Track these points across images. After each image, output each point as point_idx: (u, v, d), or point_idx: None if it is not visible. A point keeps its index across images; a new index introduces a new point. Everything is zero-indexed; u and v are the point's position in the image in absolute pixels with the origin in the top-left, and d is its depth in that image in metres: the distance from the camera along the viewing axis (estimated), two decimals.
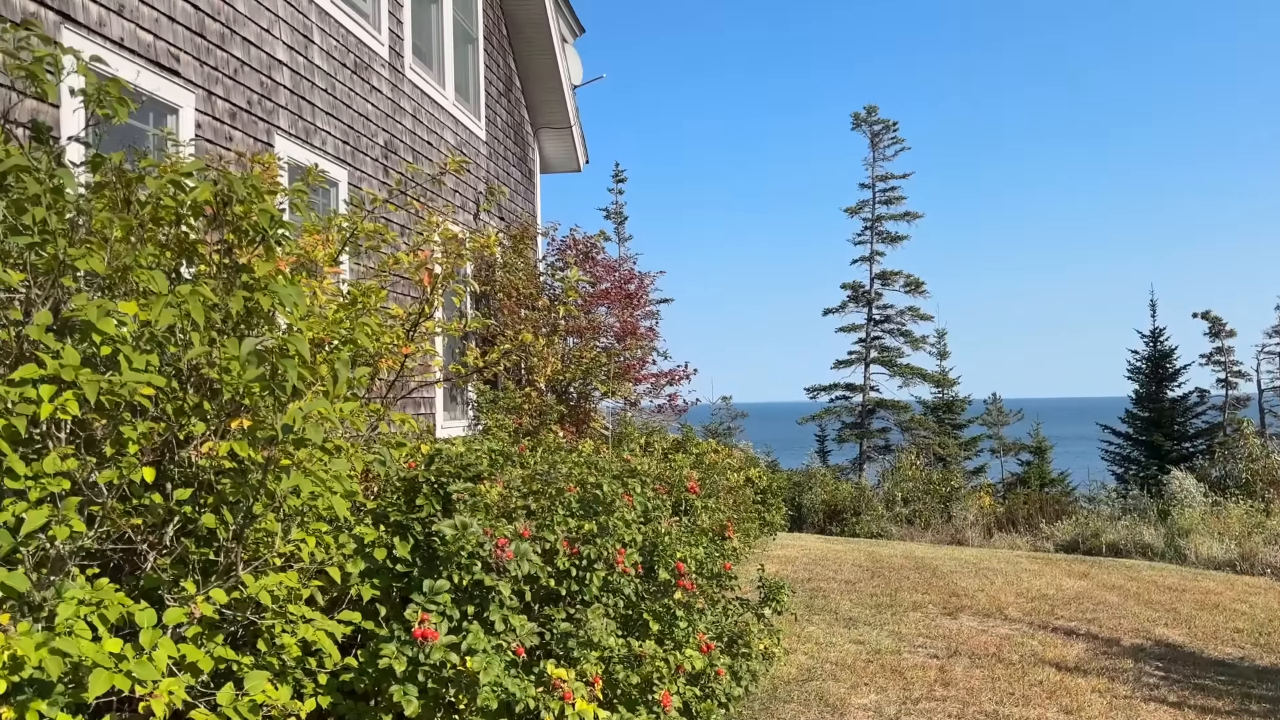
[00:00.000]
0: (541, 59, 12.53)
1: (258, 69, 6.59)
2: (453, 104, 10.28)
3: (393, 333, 4.88)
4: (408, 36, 9.12)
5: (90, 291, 2.94)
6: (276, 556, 3.04)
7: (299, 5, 7.15)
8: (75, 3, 4.92)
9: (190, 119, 5.86)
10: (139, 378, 2.58)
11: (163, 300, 2.70)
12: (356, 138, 8.08)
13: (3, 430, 2.39)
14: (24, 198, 2.72)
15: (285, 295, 3.23)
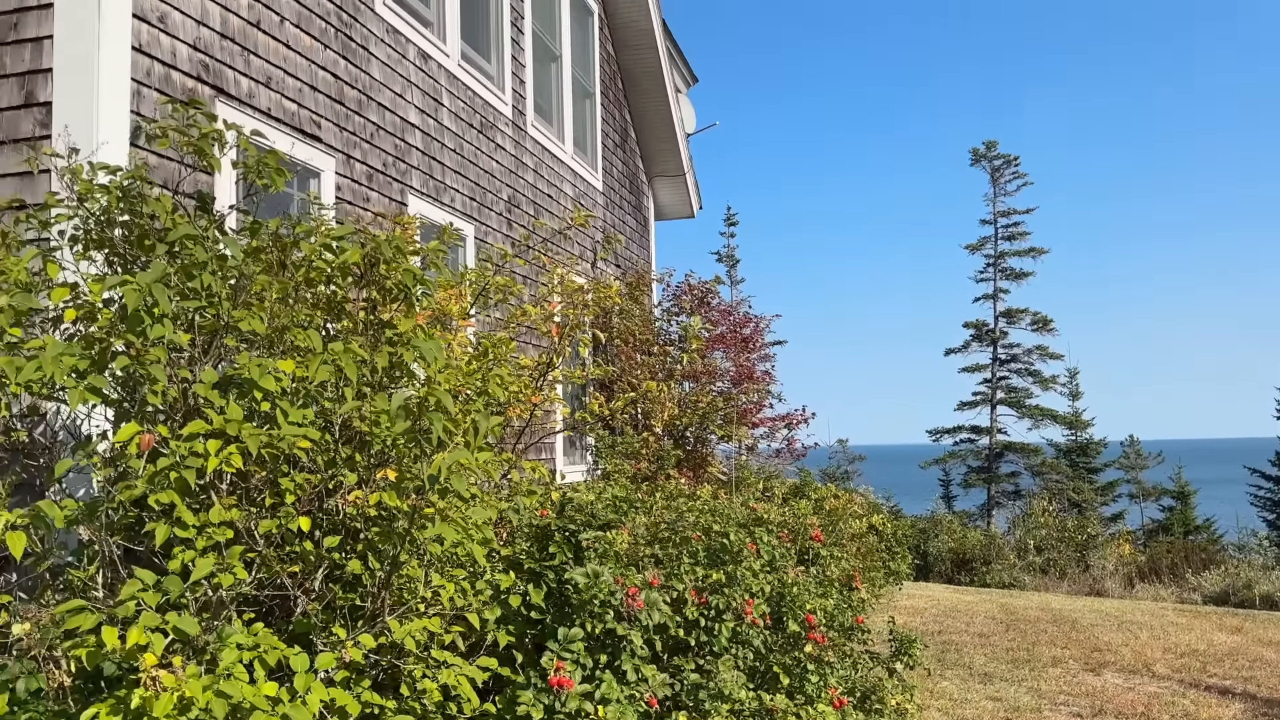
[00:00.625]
0: (656, 110, 12.76)
1: (392, 132, 6.93)
2: (571, 157, 10.56)
3: (521, 381, 5.01)
4: (529, 95, 9.44)
5: (250, 349, 3.13)
6: (420, 602, 3.15)
7: (430, 70, 7.51)
8: (228, 77, 5.29)
9: (331, 182, 6.19)
10: (296, 431, 2.73)
11: (319, 358, 2.86)
12: (482, 193, 8.37)
13: (175, 482, 2.56)
14: (192, 264, 2.93)
15: (426, 350, 3.36)
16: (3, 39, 4.53)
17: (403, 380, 3.65)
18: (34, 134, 4.45)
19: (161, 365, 2.64)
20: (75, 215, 3.36)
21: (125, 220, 3.35)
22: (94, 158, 3.80)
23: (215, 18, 5.16)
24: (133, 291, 2.63)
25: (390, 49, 6.92)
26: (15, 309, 2.88)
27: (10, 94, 4.50)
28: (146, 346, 2.67)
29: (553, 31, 10.16)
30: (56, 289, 3.00)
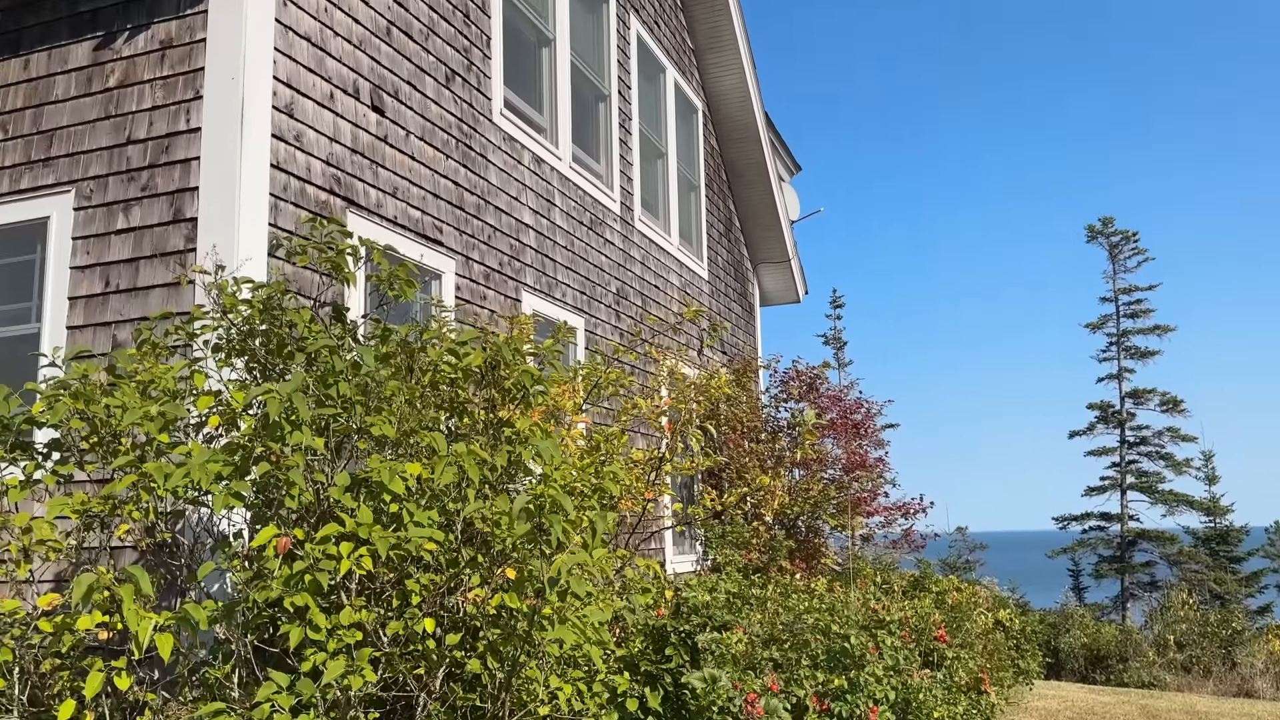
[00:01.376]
0: (760, 199, 12.92)
1: (508, 233, 7.20)
2: (677, 248, 10.74)
3: (633, 475, 5.04)
4: (637, 191, 9.70)
5: (379, 451, 3.25)
6: (538, 704, 3.15)
7: (543, 173, 7.81)
8: (358, 189, 5.61)
9: (451, 282, 6.45)
10: (423, 534, 2.81)
11: (443, 460, 2.95)
12: (592, 287, 8.58)
13: (308, 584, 2.66)
14: (328, 372, 3.09)
15: (543, 448, 3.43)
16: (155, 161, 4.93)
17: (520, 475, 3.72)
18: (182, 248, 4.80)
19: (299, 470, 2.77)
20: (219, 326, 3.59)
21: (265, 329, 3.56)
22: (237, 272, 4.06)
23: (346, 134, 5.50)
24: (274, 400, 2.78)
25: (507, 155, 7.24)
26: (165, 416, 3.07)
27: (161, 211, 4.88)
28: (285, 453, 2.81)
29: (658, 130, 10.46)
30: (202, 397, 3.19)
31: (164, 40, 4.97)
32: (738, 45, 11.56)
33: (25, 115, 5.26)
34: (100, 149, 5.05)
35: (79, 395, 3.04)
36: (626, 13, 9.65)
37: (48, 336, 4.99)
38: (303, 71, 5.19)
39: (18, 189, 5.20)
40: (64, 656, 2.88)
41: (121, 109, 5.03)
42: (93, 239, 5.01)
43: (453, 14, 6.66)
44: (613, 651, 3.83)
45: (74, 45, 5.19)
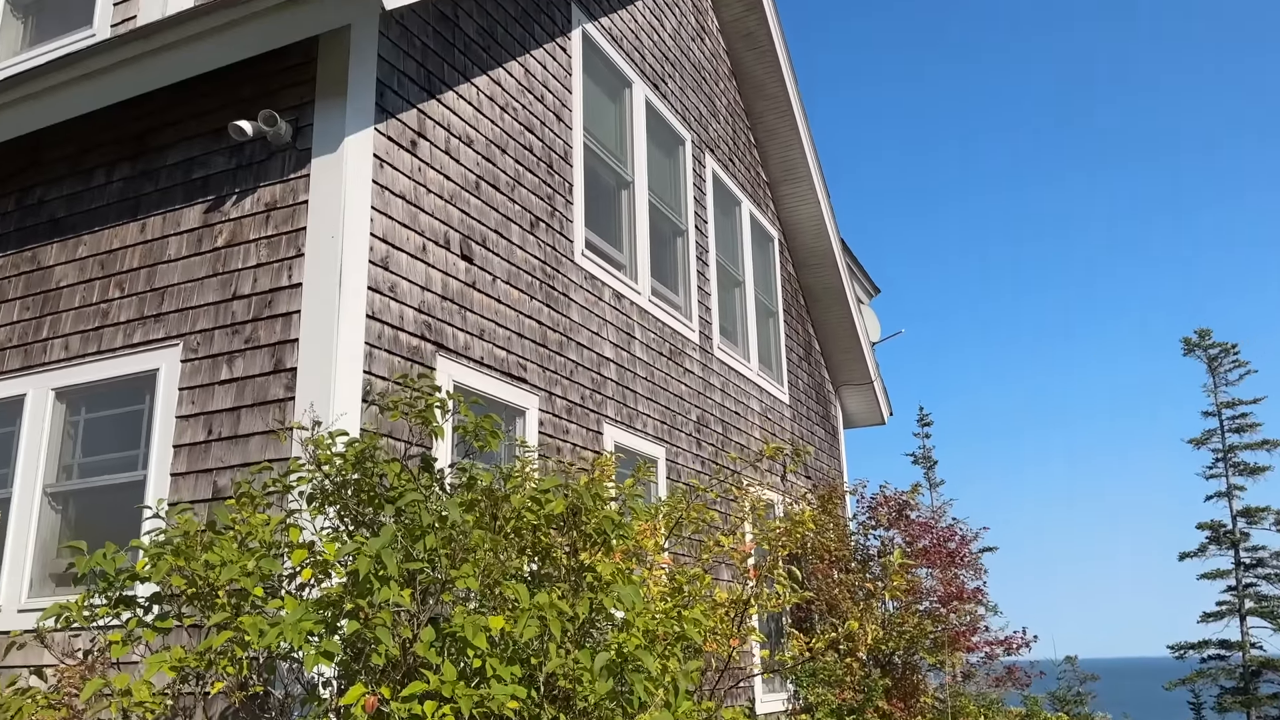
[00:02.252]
0: (839, 323, 12.96)
1: (589, 368, 7.35)
2: (756, 374, 10.79)
3: (717, 616, 4.96)
4: (715, 320, 9.84)
5: (463, 601, 3.29)
6: None
7: (623, 308, 8.00)
8: (447, 333, 5.84)
9: (535, 418, 6.58)
10: (506, 690, 2.81)
11: (525, 614, 2.97)
12: (672, 416, 8.64)
13: None
14: (416, 525, 3.17)
15: (625, 595, 3.43)
16: (258, 315, 5.22)
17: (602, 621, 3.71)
18: (281, 396, 5.03)
19: (387, 628, 2.82)
20: (313, 477, 3.73)
21: (357, 479, 3.68)
22: (333, 425, 4.23)
23: (437, 283, 5.76)
24: (364, 559, 2.87)
25: (588, 293, 7.46)
26: (261, 571, 3.18)
27: (262, 362, 5.14)
28: (374, 610, 2.87)
29: (735, 259, 10.67)
30: (296, 551, 3.30)
31: (269, 203, 5.33)
32: (811, 177, 11.83)
33: (140, 274, 5.65)
34: (207, 304, 5.38)
35: (179, 552, 3.17)
36: (702, 152, 10.00)
37: (153, 483, 5.23)
38: (397, 227, 5.49)
39: (130, 343, 5.55)
40: None
41: (228, 267, 5.37)
42: (197, 389, 5.29)
43: (537, 165, 7.00)
44: None
45: (186, 209, 5.60)
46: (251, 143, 5.42)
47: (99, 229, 5.84)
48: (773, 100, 11.43)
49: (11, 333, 5.94)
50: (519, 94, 6.94)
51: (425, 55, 5.98)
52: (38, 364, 5.80)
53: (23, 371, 5.84)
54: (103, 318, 5.67)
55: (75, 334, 5.73)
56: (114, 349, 5.58)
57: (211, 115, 5.63)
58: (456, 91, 6.24)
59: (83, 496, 5.64)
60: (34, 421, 5.73)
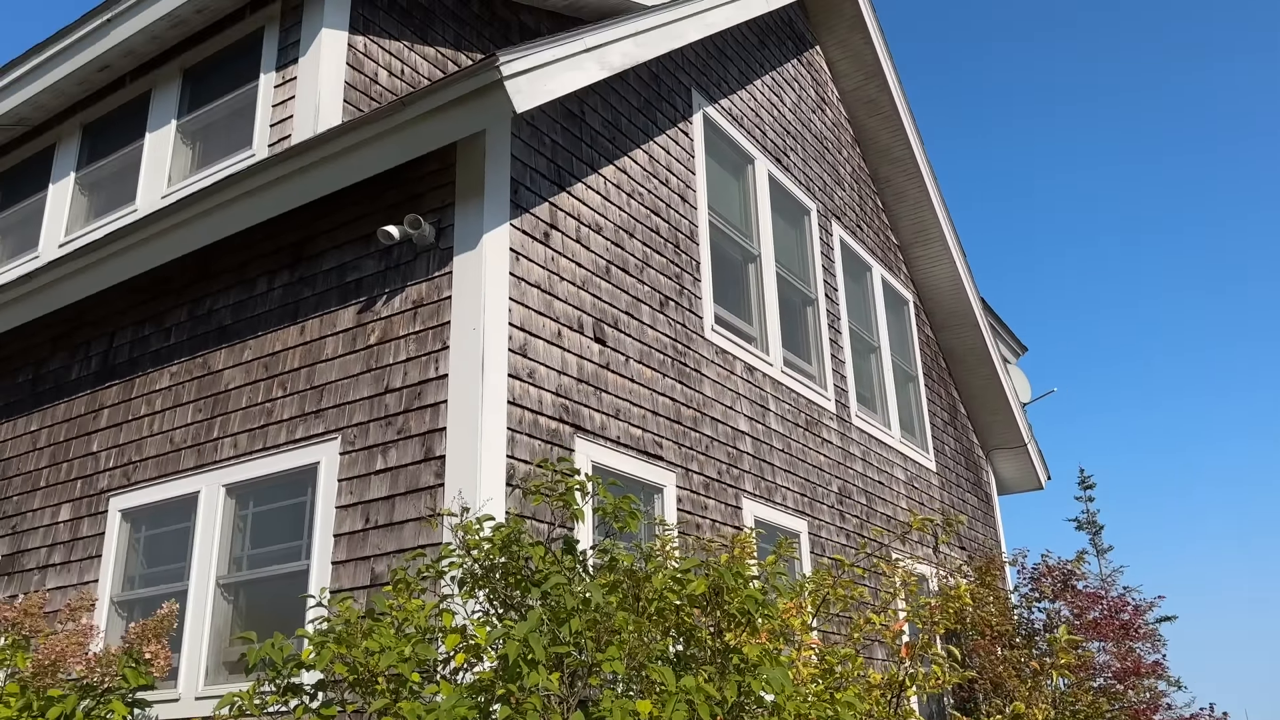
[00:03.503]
0: (985, 384, 12.55)
1: (725, 442, 7.35)
2: (899, 441, 10.52)
3: (872, 698, 4.79)
4: (851, 388, 9.69)
5: (610, 685, 3.31)
6: None
7: (755, 381, 8.00)
8: (583, 414, 5.97)
9: (672, 495, 6.61)
10: None
11: (673, 699, 2.97)
12: (812, 488, 8.50)
13: None
14: (560, 608, 3.23)
15: (773, 678, 3.37)
16: (409, 406, 5.48)
17: (751, 705, 3.64)
18: (432, 483, 5.23)
19: (537, 713, 2.87)
20: (463, 563, 3.85)
21: (504, 563, 3.78)
22: (480, 510, 4.37)
23: (573, 366, 5.93)
24: (513, 645, 2.93)
25: (719, 368, 7.51)
26: (417, 656, 3.29)
27: (414, 451, 5.37)
28: (524, 695, 2.92)
29: (869, 325, 10.52)
30: (450, 636, 3.40)
31: (416, 300, 5.63)
32: (944, 237, 11.63)
33: (300, 374, 6.02)
34: (362, 399, 5.68)
35: (341, 640, 3.32)
36: (828, 221, 10.00)
37: (315, 571, 5.50)
38: (533, 315, 5.70)
39: (293, 439, 5.90)
40: None
41: (380, 362, 5.67)
42: (355, 480, 5.56)
43: (664, 246, 7.16)
44: None
45: (341, 310, 5.97)
46: (398, 245, 5.77)
47: (262, 333, 6.28)
48: (899, 164, 11.36)
49: (186, 434, 6.42)
50: (644, 179, 7.15)
51: (555, 151, 6.26)
52: (210, 462, 6.22)
53: (196, 470, 6.28)
54: (267, 416, 6.06)
55: (243, 432, 6.14)
56: (278, 445, 5.94)
57: (361, 222, 6.03)
58: (585, 182, 6.48)
59: (251, 587, 5.97)
60: (207, 517, 6.13)
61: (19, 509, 7.12)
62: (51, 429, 7.21)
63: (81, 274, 6.81)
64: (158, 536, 6.47)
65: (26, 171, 8.89)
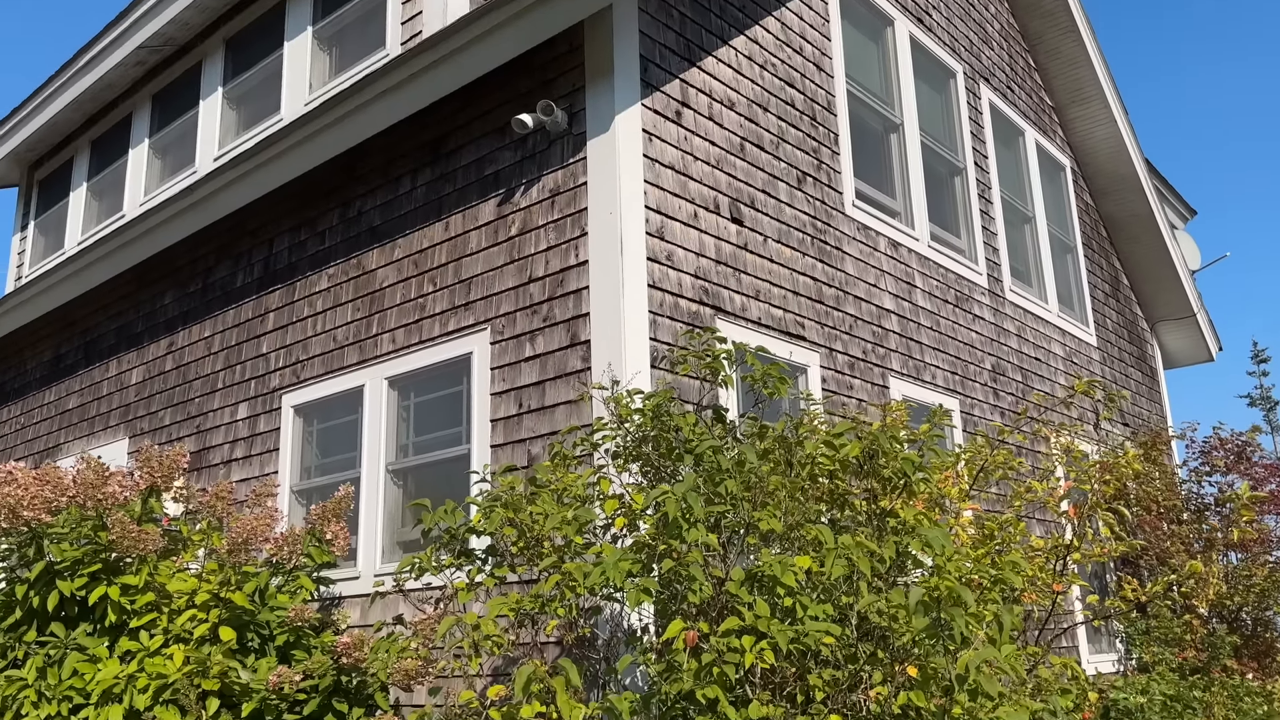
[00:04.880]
0: (1149, 252, 11.77)
1: (869, 321, 7.18)
2: (1056, 315, 10.04)
3: (1035, 564, 4.69)
4: (1004, 261, 9.26)
5: (766, 545, 3.34)
6: None
7: (900, 257, 7.73)
8: (723, 296, 5.92)
9: (816, 375, 6.53)
10: (820, 627, 2.83)
11: (832, 553, 2.97)
12: (964, 366, 8.24)
13: (716, 677, 2.77)
14: (715, 471, 3.26)
15: (932, 538, 3.33)
16: (552, 295, 5.56)
17: (909, 567, 3.62)
18: (579, 368, 5.33)
19: (700, 566, 2.93)
20: (616, 435, 3.92)
21: (655, 435, 3.83)
22: (629, 385, 4.43)
23: (710, 248, 5.86)
24: (671, 501, 2.98)
25: (862, 244, 7.28)
26: (579, 520, 3.40)
27: (559, 338, 5.47)
28: (685, 549, 2.98)
29: (1022, 194, 9.97)
30: (608, 501, 3.50)
31: (553, 189, 5.66)
32: (1104, 95, 10.80)
33: (448, 269, 6.19)
34: (507, 290, 5.80)
35: (509, 505, 3.46)
36: (976, 83, 9.42)
37: (476, 455, 5.74)
38: (669, 197, 5.64)
39: (446, 331, 6.10)
40: None
41: (522, 253, 5.76)
42: (506, 368, 5.73)
43: (800, 119, 6.92)
44: None
45: (481, 204, 6.06)
46: (533, 134, 5.77)
47: (409, 231, 6.46)
48: (1051, 17, 10.54)
49: (348, 332, 6.73)
50: (777, 49, 6.88)
51: (683, 24, 6.08)
52: (371, 357, 6.52)
53: (359, 365, 6.60)
54: (420, 311, 6.28)
55: (399, 328, 6.39)
56: (433, 338, 6.16)
57: (495, 113, 6.05)
58: (715, 56, 6.29)
59: (418, 472, 6.29)
60: (373, 408, 6.46)
61: (201, 409, 7.69)
62: (224, 334, 7.69)
63: (236, 184, 7.13)
64: (329, 429, 6.88)
65: (177, 90, 9.31)
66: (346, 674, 4.77)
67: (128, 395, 8.49)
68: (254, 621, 5.06)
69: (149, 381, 8.30)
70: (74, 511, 5.02)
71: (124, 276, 8.53)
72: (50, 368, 9.67)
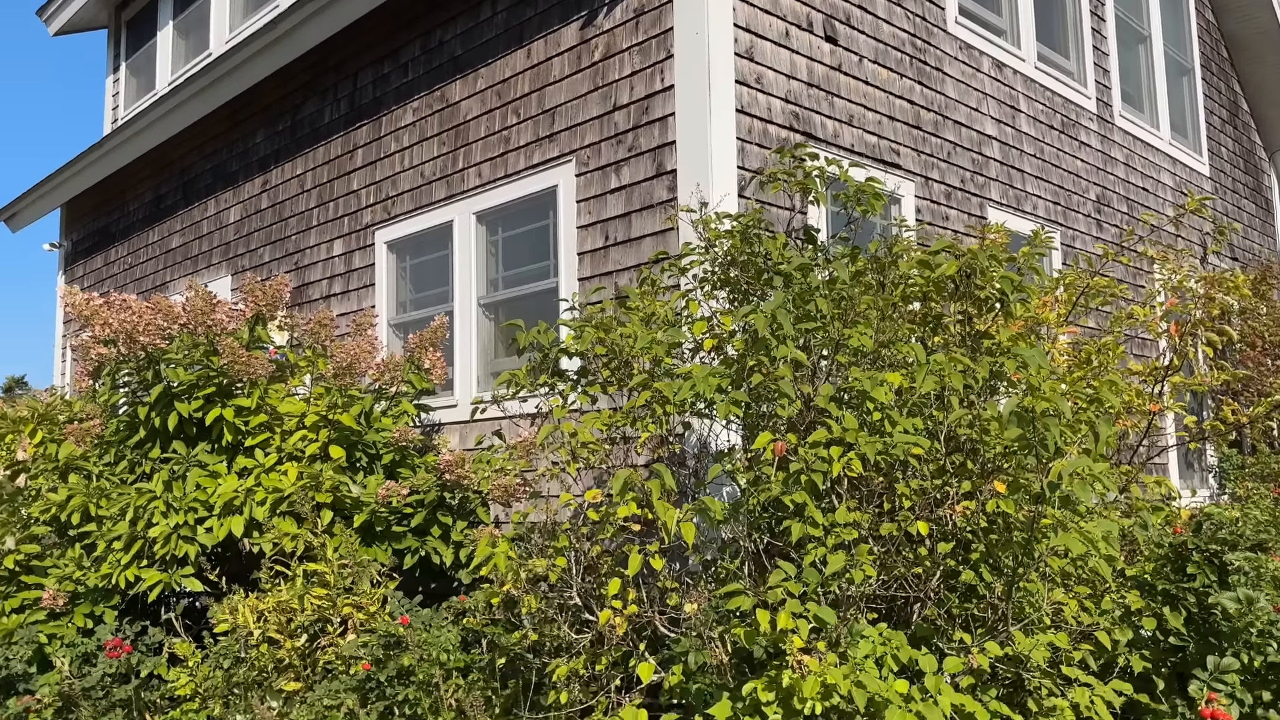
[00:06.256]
0: (1274, 73, 10.90)
1: (969, 148, 6.88)
2: (1168, 144, 9.47)
3: (1132, 389, 4.60)
4: (1114, 84, 8.70)
5: (856, 364, 3.34)
6: (1046, 616, 3.05)
7: (1004, 79, 7.32)
8: (815, 122, 5.72)
9: (911, 205, 6.34)
10: (908, 439, 2.84)
11: (924, 369, 2.95)
12: (1067, 196, 7.90)
13: (804, 484, 2.83)
14: (805, 290, 3.23)
15: (1028, 357, 3.27)
16: (637, 123, 5.45)
17: (1003, 389, 3.58)
18: (664, 198, 5.28)
19: (789, 381, 2.95)
20: (704, 260, 3.91)
21: (744, 259, 3.80)
22: (717, 208, 4.38)
23: (802, 69, 5.63)
24: (761, 318, 2.98)
25: (964, 65, 6.90)
26: (668, 341, 3.43)
27: (645, 168, 5.40)
28: (774, 365, 3.00)
29: (1138, 10, 9.25)
30: (697, 323, 3.52)
31: (637, 9, 5.45)
32: None
33: (531, 99, 6.09)
34: (591, 119, 5.70)
35: (600, 326, 3.51)
36: None
37: (564, 288, 5.80)
38: (759, 14, 5.39)
39: (531, 164, 6.06)
40: (607, 543, 3.39)
41: (606, 79, 5.62)
42: (591, 200, 5.70)
43: None
44: (1121, 570, 3.56)
45: (564, 28, 5.89)
46: None
47: (491, 60, 6.35)
48: None
49: (435, 167, 6.75)
50: None
51: None
52: (458, 192, 6.55)
53: (447, 200, 6.64)
54: (505, 144, 6.24)
55: (485, 162, 6.38)
56: (518, 171, 6.14)
57: None
58: None
59: (508, 305, 6.40)
60: (462, 243, 6.54)
61: (299, 246, 7.89)
62: (315, 171, 7.80)
63: (317, 17, 7.05)
64: (421, 264, 7.01)
65: None
66: (449, 490, 5.03)
67: (227, 234, 8.76)
68: (361, 442, 5.33)
69: (247, 220, 8.53)
70: (186, 338, 5.28)
71: (215, 115, 8.64)
72: (152, 208, 9.99)
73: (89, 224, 11.24)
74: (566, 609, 3.42)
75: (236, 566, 5.02)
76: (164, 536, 4.81)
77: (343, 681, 3.93)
